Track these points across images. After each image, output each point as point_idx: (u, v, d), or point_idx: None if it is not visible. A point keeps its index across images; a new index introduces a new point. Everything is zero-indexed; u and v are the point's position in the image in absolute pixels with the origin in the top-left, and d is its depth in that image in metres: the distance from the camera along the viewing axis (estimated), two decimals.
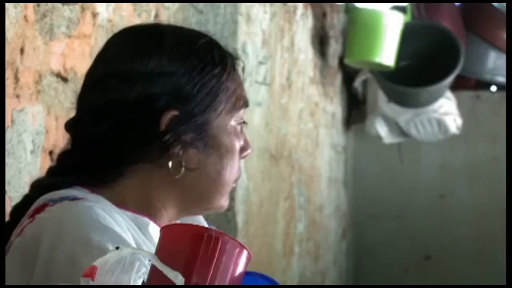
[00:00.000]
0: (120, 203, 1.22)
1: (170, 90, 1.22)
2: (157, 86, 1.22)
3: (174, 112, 1.22)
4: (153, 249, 1.13)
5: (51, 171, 1.30)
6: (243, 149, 1.29)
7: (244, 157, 1.30)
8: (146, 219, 1.23)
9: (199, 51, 1.26)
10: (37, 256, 1.12)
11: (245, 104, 1.28)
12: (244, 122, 1.30)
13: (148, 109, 1.22)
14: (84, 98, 1.28)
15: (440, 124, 4.58)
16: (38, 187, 1.28)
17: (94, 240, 1.10)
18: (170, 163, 1.22)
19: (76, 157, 1.26)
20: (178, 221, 1.31)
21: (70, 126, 1.28)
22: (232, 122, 1.26)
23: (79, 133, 1.27)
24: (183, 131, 1.22)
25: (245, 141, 1.30)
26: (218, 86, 1.24)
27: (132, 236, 1.18)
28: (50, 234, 1.13)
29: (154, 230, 1.23)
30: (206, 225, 1.34)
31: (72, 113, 1.30)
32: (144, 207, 1.24)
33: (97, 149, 1.24)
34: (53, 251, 1.11)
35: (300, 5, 3.81)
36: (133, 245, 1.14)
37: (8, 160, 1.56)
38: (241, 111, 1.28)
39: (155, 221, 1.25)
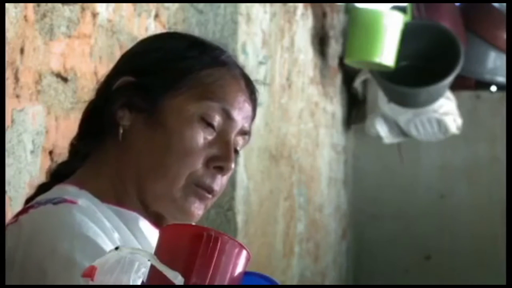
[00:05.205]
0: (104, 197, 1.21)
1: (147, 63, 1.25)
2: (138, 61, 1.27)
3: (129, 78, 1.23)
4: (143, 245, 1.13)
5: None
6: (215, 158, 1.21)
7: (216, 168, 1.21)
8: (134, 214, 1.21)
9: (193, 40, 1.29)
10: (14, 260, 1.12)
11: (212, 100, 1.21)
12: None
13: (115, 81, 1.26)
14: None
15: (440, 124, 4.58)
16: (38, 186, 1.28)
17: (62, 249, 1.08)
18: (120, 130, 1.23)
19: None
20: None
21: None
22: (191, 109, 1.21)
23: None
24: (130, 95, 1.22)
25: (224, 152, 1.22)
26: (189, 70, 1.23)
27: (117, 235, 1.16)
28: (24, 241, 1.12)
29: (145, 225, 1.21)
30: None
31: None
32: (120, 197, 1.22)
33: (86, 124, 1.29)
34: (24, 259, 1.11)
35: (300, 5, 3.81)
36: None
37: (8, 160, 1.56)
38: (205, 105, 1.21)
39: (139, 213, 1.22)
